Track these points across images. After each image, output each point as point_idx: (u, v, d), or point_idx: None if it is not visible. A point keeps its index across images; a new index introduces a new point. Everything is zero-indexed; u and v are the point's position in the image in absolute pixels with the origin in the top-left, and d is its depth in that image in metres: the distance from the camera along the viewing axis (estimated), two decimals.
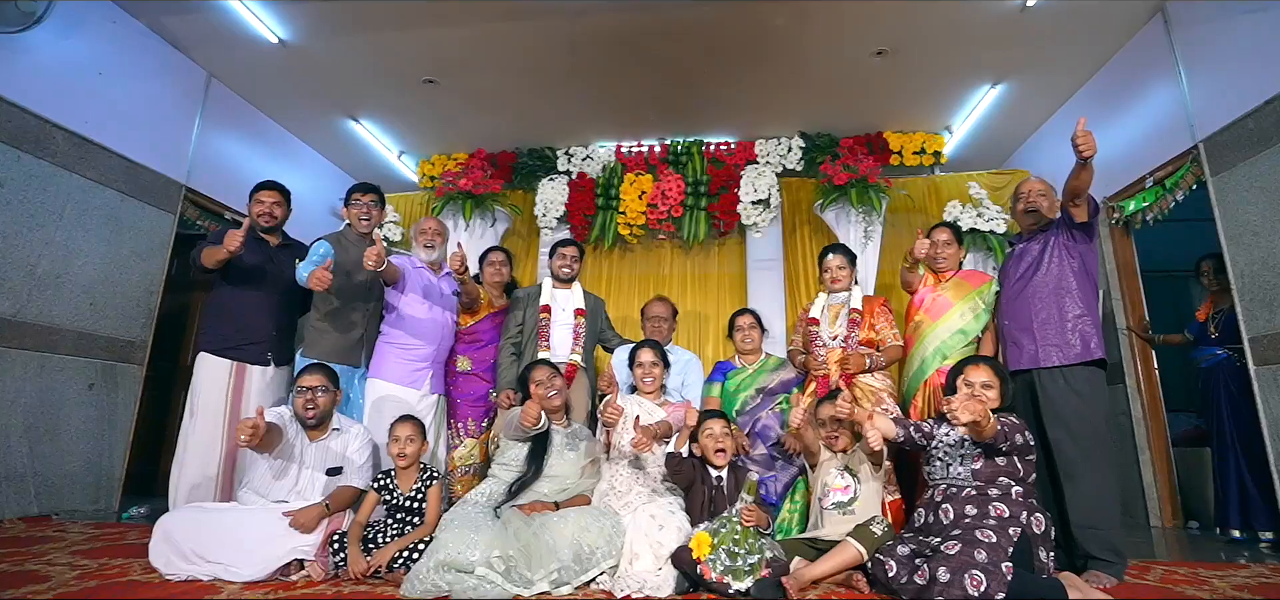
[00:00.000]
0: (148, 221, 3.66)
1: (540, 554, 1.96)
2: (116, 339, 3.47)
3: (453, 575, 1.83)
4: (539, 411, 2.16)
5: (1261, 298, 2.86)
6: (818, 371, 2.74)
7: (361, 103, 4.60)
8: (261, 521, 2.09)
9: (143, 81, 3.67)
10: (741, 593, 1.84)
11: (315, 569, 2.04)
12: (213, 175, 4.13)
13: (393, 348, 2.86)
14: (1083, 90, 4.14)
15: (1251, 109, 2.88)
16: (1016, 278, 2.48)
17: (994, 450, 2.02)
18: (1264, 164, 2.83)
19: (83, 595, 1.77)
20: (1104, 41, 3.71)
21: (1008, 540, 1.82)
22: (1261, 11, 2.85)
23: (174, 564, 2.00)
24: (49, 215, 3.13)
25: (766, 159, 4.90)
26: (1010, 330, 2.44)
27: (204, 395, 2.70)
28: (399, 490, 2.21)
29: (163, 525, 2.05)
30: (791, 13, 3.51)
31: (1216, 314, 3.31)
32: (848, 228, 4.38)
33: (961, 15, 3.48)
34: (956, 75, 4.12)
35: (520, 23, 3.64)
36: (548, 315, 2.97)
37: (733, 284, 4.81)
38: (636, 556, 2.03)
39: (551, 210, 4.79)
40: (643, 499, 2.26)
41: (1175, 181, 3.38)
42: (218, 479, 2.66)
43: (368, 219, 2.87)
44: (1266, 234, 2.82)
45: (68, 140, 3.23)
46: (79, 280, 3.28)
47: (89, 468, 3.33)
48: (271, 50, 3.85)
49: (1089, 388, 2.27)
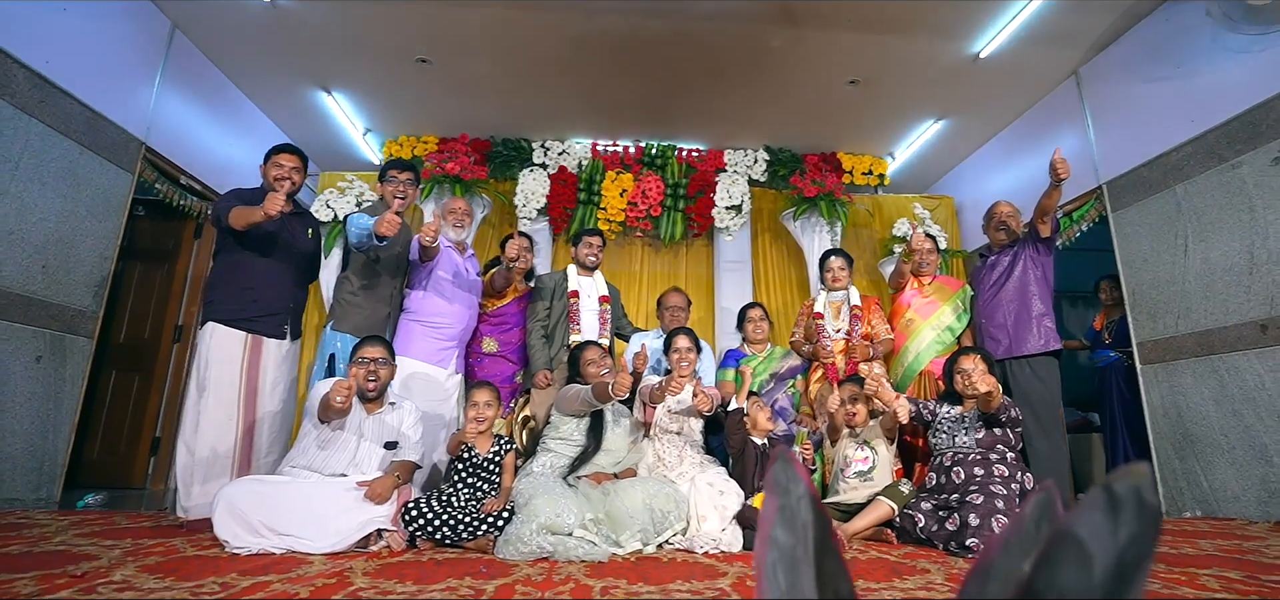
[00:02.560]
0: (106, 180, 3.29)
1: (622, 518, 2.10)
2: (67, 307, 3.10)
3: (554, 538, 1.93)
4: (628, 384, 2.28)
5: (1148, 311, 3.58)
6: (825, 360, 3.07)
7: (339, 75, 4.38)
8: (332, 494, 2.05)
9: (105, 23, 3.30)
10: None
11: (395, 539, 2.03)
12: (169, 137, 3.77)
13: (421, 326, 2.83)
14: (1006, 131, 4.88)
15: (1146, 161, 3.61)
16: (990, 284, 2.96)
17: (993, 421, 2.44)
18: (1154, 205, 3.55)
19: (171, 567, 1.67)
20: (1028, 92, 4.42)
21: (1014, 493, 2.23)
22: (1156, 83, 3.59)
23: (242, 537, 1.91)
24: (4, 163, 2.76)
25: (735, 168, 5.25)
26: (987, 328, 2.92)
27: (217, 368, 2.52)
28: (477, 452, 2.24)
29: (225, 498, 1.95)
30: (787, 36, 3.87)
31: (1110, 324, 4.07)
32: (812, 236, 4.83)
33: (927, 56, 4.01)
34: (910, 107, 4.70)
35: (531, 13, 3.69)
36: (577, 300, 3.07)
37: (699, 283, 5.10)
38: (703, 518, 2.23)
39: (532, 201, 4.83)
40: (696, 468, 2.45)
41: (1082, 214, 4.12)
42: (234, 456, 2.50)
43: (403, 196, 2.82)
44: (1154, 261, 3.54)
45: (29, 80, 2.86)
46: (32, 239, 2.90)
47: (31, 452, 2.94)
48: (256, 9, 3.61)
49: (1048, 374, 2.79)
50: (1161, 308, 3.47)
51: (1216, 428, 3.07)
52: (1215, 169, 3.15)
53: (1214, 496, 3.08)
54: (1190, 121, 3.30)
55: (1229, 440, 3.01)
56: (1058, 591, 0.27)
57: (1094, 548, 0.27)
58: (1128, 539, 0.26)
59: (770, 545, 0.42)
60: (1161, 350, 3.44)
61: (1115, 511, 0.27)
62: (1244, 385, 2.95)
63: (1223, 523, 2.84)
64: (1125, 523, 0.26)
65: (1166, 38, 3.48)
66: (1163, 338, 3.39)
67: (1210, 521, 2.91)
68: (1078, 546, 0.27)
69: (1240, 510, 2.96)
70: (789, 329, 4.44)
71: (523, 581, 1.62)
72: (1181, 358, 3.27)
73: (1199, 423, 3.16)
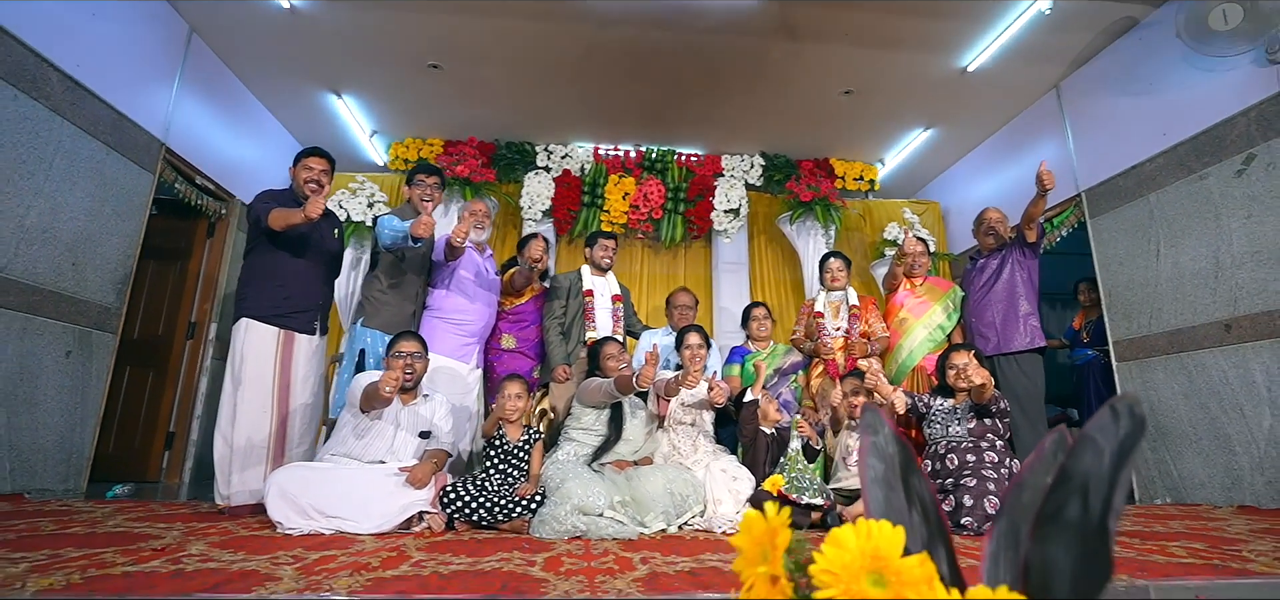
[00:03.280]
0: (130, 179, 3.38)
1: (646, 500, 2.26)
2: (93, 303, 3.19)
3: (586, 519, 2.08)
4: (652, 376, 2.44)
5: (1123, 311, 3.82)
6: (826, 356, 3.26)
7: (350, 78, 4.49)
8: (375, 479, 2.18)
9: (129, 26, 3.39)
10: (812, 505, 2.29)
11: (436, 520, 2.17)
12: (186, 137, 3.86)
13: (444, 323, 2.97)
14: (990, 140, 5.12)
15: (1121, 170, 3.85)
16: (980, 286, 3.17)
17: (985, 411, 2.64)
18: (1129, 212, 3.80)
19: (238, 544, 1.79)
20: (1012, 104, 4.66)
21: (1003, 477, 2.42)
22: (1131, 98, 3.83)
23: (293, 519, 2.04)
24: (40, 163, 2.85)
25: (732, 173, 5.44)
26: (977, 326, 3.13)
27: (252, 363, 2.63)
28: (509, 440, 2.39)
29: (277, 483, 2.08)
30: (787, 48, 4.06)
31: (1088, 323, 4.32)
32: (806, 239, 5.03)
33: (919, 68, 4.23)
34: (900, 117, 4.92)
35: (545, 23, 3.84)
36: (591, 299, 3.23)
37: (697, 283, 5.27)
38: (719, 502, 2.40)
39: (537, 203, 4.97)
40: (710, 456, 2.63)
41: (1062, 220, 4.36)
42: (269, 446, 2.61)
43: (430, 199, 2.95)
44: (1129, 264, 3.79)
45: (62, 83, 2.95)
46: (63, 237, 2.99)
47: (61, 444, 3.03)
48: (273, 14, 3.71)
49: (1033, 369, 3.00)
50: (1135, 309, 3.71)
51: (1185, 420, 3.31)
52: (1184, 180, 3.40)
53: (1183, 484, 3.33)
54: (1161, 135, 3.55)
55: (1196, 432, 3.26)
56: (1080, 472, 0.44)
57: (1103, 442, 0.43)
58: (1125, 434, 0.43)
59: (867, 471, 0.59)
60: (1135, 348, 3.68)
61: (1117, 418, 0.44)
62: (1210, 380, 3.19)
63: (1191, 507, 3.08)
64: (1123, 424, 0.43)
65: (1140, 57, 3.73)
66: (1136, 336, 3.64)
67: (1179, 507, 3.15)
68: (1093, 442, 0.44)
69: (1206, 496, 3.20)
70: (786, 327, 4.65)
71: (566, 554, 1.77)
72: (1154, 355, 3.51)
73: (1169, 416, 3.40)
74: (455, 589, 1.35)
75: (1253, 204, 3.05)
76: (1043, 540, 0.44)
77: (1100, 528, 0.43)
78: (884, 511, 0.54)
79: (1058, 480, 0.46)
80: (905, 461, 0.57)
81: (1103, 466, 0.44)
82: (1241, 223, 3.10)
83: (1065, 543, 0.43)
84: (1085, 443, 0.45)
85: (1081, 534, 0.43)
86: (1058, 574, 0.43)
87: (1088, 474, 0.46)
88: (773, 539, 0.54)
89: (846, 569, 0.48)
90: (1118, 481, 0.45)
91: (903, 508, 0.54)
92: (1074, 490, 0.46)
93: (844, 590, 0.47)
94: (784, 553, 0.53)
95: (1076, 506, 0.44)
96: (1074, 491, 0.44)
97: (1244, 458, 3.02)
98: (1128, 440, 0.43)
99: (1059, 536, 0.44)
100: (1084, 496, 0.45)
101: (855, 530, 0.50)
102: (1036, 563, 0.44)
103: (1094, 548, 0.43)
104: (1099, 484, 0.46)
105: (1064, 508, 0.44)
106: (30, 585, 1.28)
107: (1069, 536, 0.43)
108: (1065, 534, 0.43)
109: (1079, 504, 0.44)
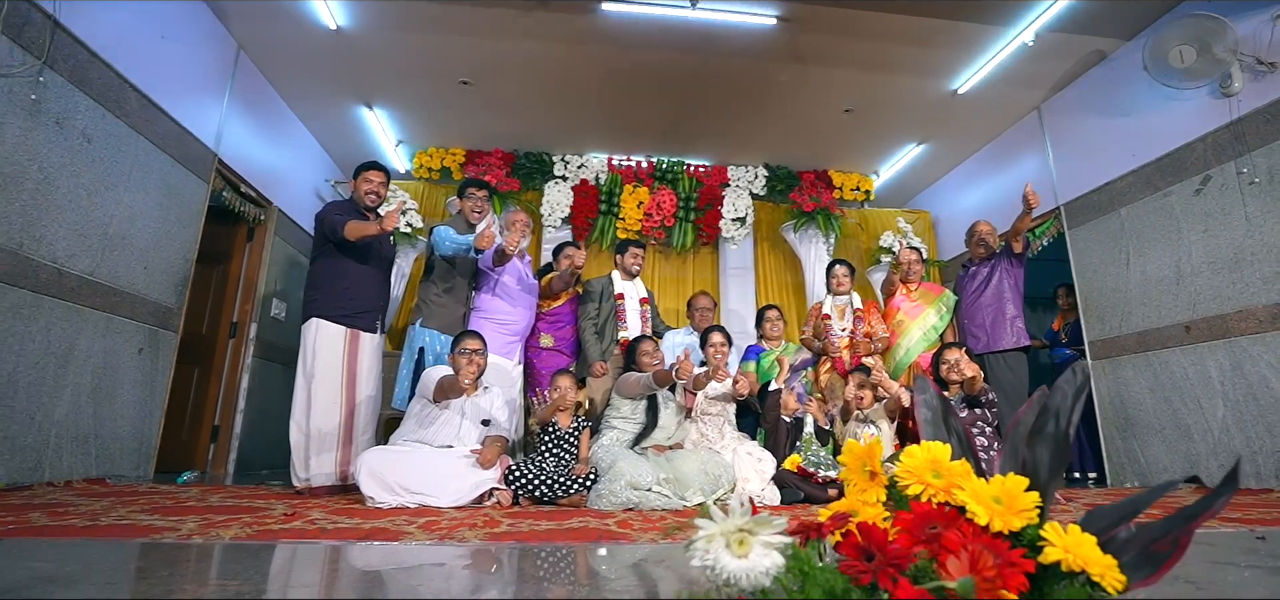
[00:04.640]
0: (190, 189, 3.65)
1: (684, 478, 2.59)
2: (160, 304, 3.45)
3: (637, 493, 2.40)
4: (691, 369, 2.76)
5: (1098, 314, 4.22)
6: (833, 354, 3.61)
7: (383, 92, 4.76)
8: (449, 460, 2.49)
9: (189, 47, 3.65)
10: (830, 478, 2.63)
11: (504, 496, 2.48)
12: (233, 148, 4.12)
13: (491, 323, 3.27)
14: (977, 155, 5.52)
15: (1095, 187, 4.25)
16: (972, 291, 3.54)
17: (975, 402, 3.00)
18: (1104, 225, 4.19)
19: (345, 511, 2.09)
20: (997, 122, 5.06)
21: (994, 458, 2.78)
22: (1105, 121, 4.23)
23: (381, 495, 2.34)
24: (121, 176, 3.11)
25: (738, 183, 5.79)
26: (969, 327, 3.49)
27: (323, 358, 2.91)
28: (561, 427, 2.70)
29: (366, 464, 2.37)
30: (794, 70, 4.41)
31: (1067, 325, 4.72)
32: (809, 247, 5.39)
33: (914, 90, 4.60)
34: (895, 133, 5.30)
35: (574, 46, 4.15)
36: (622, 301, 3.54)
37: (705, 286, 5.60)
38: (746, 480, 2.73)
39: (557, 211, 5.28)
40: (736, 441, 2.96)
41: (1043, 230, 4.76)
42: (339, 434, 2.90)
43: (481, 212, 3.25)
44: (1103, 271, 4.18)
45: (139, 101, 3.21)
46: (138, 243, 3.25)
47: (134, 434, 3.29)
48: (320, 34, 3.99)
49: (1018, 366, 3.37)
50: (1108, 312, 4.10)
51: (1151, 412, 3.70)
52: (1151, 196, 3.79)
53: (1149, 469, 3.72)
54: (1131, 155, 3.94)
55: (1161, 422, 3.65)
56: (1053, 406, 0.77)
57: (1067, 387, 0.76)
58: (1078, 384, 0.76)
59: (921, 413, 0.92)
60: (1108, 348, 4.08)
61: (1074, 375, 0.77)
62: (1172, 376, 3.58)
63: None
64: (1078, 378, 0.76)
65: (1113, 84, 4.13)
66: (1109, 337, 4.03)
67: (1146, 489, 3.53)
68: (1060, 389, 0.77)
69: (1169, 479, 3.59)
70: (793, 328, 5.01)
71: (630, 519, 2.09)
72: (1124, 354, 3.91)
73: (1137, 408, 3.79)
74: (561, 539, 1.66)
75: (1208, 219, 3.44)
76: (1033, 446, 0.77)
77: (1063, 437, 0.76)
78: (933, 437, 0.87)
79: (1040, 412, 0.79)
80: (944, 408, 0.91)
81: (1067, 403, 0.76)
82: (1199, 236, 3.49)
83: (1045, 446, 0.76)
84: (1056, 390, 0.78)
85: (1054, 441, 0.76)
86: (1041, 465, 0.76)
87: (1058, 408, 0.79)
88: (870, 453, 0.86)
89: (917, 469, 0.80)
90: (1074, 410, 0.78)
91: (945, 435, 0.87)
92: (1050, 416, 0.78)
93: (917, 480, 0.80)
94: (879, 461, 0.86)
95: (1052, 426, 0.77)
96: (1050, 416, 0.77)
97: (1201, 444, 3.41)
98: (1080, 387, 0.76)
99: (1041, 443, 0.77)
100: (1056, 420, 0.77)
101: (920, 448, 0.83)
102: (1029, 459, 0.76)
103: (1060, 449, 0.76)
104: (1063, 413, 0.79)
105: (1044, 427, 0.77)
106: (222, 534, 1.57)
107: (1047, 443, 0.76)
108: (1045, 442, 0.77)
109: (1053, 424, 0.77)
